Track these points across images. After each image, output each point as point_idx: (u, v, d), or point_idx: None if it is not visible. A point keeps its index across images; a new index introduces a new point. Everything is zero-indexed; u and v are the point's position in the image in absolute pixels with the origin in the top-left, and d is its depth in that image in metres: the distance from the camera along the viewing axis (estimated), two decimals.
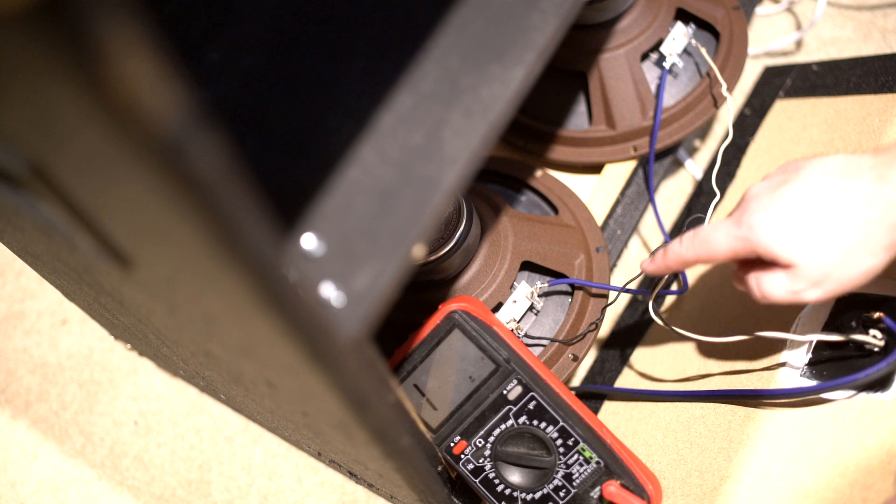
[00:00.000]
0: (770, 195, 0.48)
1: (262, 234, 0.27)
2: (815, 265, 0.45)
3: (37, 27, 0.19)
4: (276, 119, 0.39)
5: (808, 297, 0.47)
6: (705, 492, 0.52)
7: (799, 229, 0.46)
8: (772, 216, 0.47)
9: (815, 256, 0.45)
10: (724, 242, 0.49)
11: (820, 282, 0.46)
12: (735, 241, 0.48)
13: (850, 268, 0.45)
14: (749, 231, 0.48)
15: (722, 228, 0.49)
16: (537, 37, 0.39)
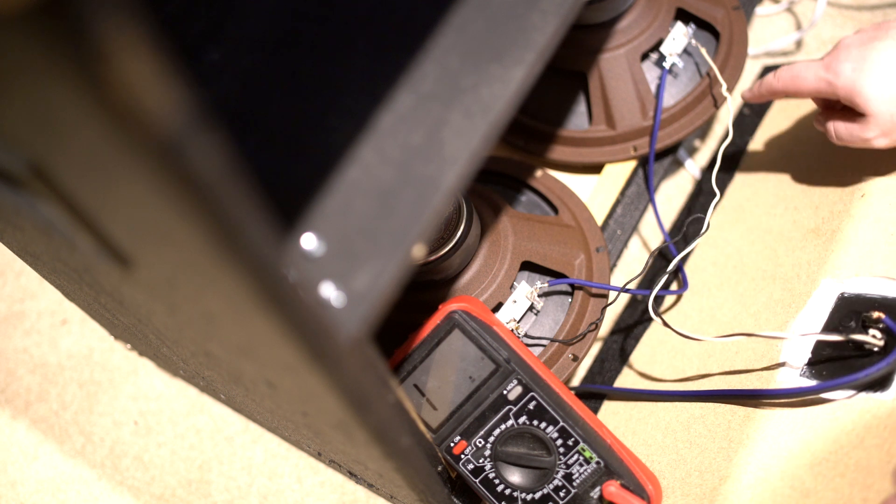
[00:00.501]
0: (860, 48, 0.54)
1: (262, 234, 0.27)
2: (887, 116, 0.53)
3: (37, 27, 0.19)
4: (276, 119, 0.39)
5: (878, 144, 0.55)
6: (705, 492, 0.52)
7: (879, 82, 0.53)
8: (857, 66, 0.54)
9: (887, 109, 0.53)
10: (811, 81, 0.57)
11: (889, 132, 0.54)
12: (820, 82, 0.56)
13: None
14: (835, 76, 0.55)
15: (812, 68, 0.57)
16: (537, 37, 0.39)
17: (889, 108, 0.53)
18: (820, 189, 0.64)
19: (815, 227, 0.61)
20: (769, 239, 0.64)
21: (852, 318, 0.52)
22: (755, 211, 0.68)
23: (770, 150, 0.73)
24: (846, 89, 0.54)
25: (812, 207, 0.63)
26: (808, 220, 0.63)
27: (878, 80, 0.53)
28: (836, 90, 0.55)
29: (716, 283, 0.66)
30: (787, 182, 0.68)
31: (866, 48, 0.54)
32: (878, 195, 0.59)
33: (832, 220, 0.60)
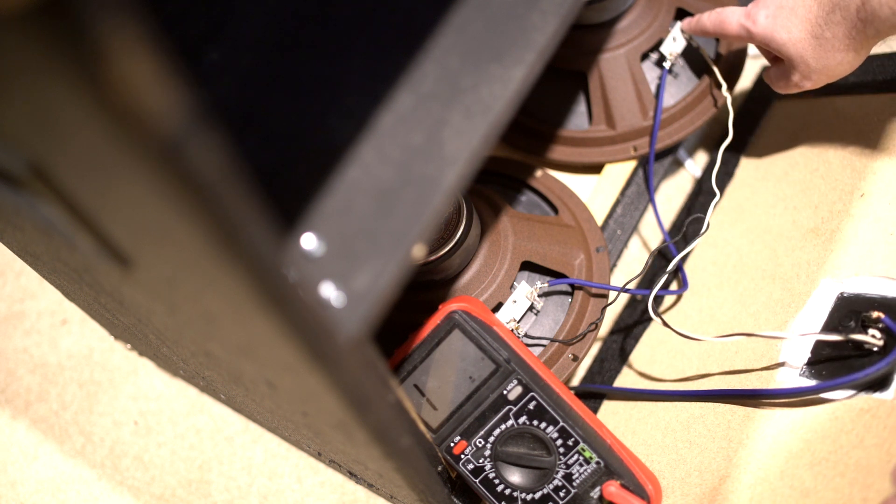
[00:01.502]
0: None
1: (262, 234, 0.27)
2: (800, 61, 0.56)
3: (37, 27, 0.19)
4: (276, 119, 0.39)
5: (804, 85, 0.58)
6: (705, 491, 0.52)
7: (785, 28, 0.55)
8: (770, 13, 0.57)
9: (797, 53, 0.55)
10: (734, 26, 0.60)
11: (807, 75, 0.57)
12: (741, 28, 0.59)
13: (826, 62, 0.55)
14: (752, 24, 0.58)
15: (736, 14, 0.60)
16: (537, 37, 0.39)
17: (800, 50, 0.55)
18: (820, 189, 0.64)
19: (815, 227, 0.61)
20: (769, 239, 0.65)
21: (852, 317, 0.52)
22: (755, 211, 0.68)
23: (770, 150, 0.73)
24: (761, 35, 0.57)
25: (812, 207, 0.63)
26: (807, 219, 0.63)
27: (789, 24, 0.55)
28: (753, 37, 0.58)
29: (716, 283, 0.66)
30: (787, 182, 0.68)
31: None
32: (878, 195, 0.59)
33: (832, 219, 0.60)
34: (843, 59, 0.54)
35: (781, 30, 0.56)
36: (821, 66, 0.55)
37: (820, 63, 0.55)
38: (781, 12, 0.56)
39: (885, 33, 0.51)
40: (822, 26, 0.53)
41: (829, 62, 0.55)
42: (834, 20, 0.53)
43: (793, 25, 0.55)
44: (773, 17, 0.56)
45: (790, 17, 0.55)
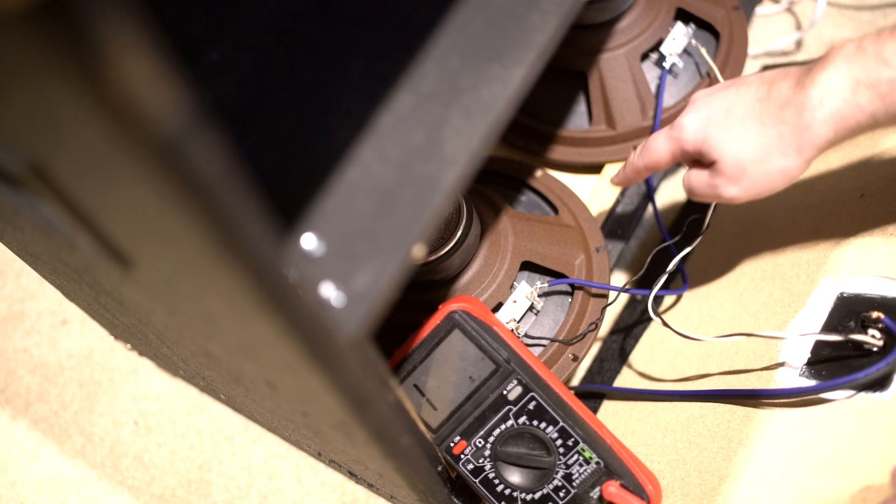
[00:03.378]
0: (704, 99, 0.51)
1: (262, 234, 0.27)
2: (733, 161, 0.49)
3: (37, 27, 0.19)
4: (276, 119, 0.39)
5: (727, 193, 0.50)
6: (704, 491, 0.52)
7: (721, 128, 0.49)
8: (700, 116, 0.51)
9: (733, 153, 0.48)
10: (663, 146, 0.53)
11: (737, 178, 0.49)
12: (670, 141, 0.53)
13: (765, 167, 0.48)
14: (680, 131, 0.52)
15: (662, 134, 0.54)
16: (537, 37, 0.39)
17: (737, 151, 0.48)
18: (820, 189, 0.64)
19: (815, 227, 0.61)
20: (769, 239, 0.64)
21: (851, 317, 0.52)
22: (755, 211, 0.68)
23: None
24: (693, 142, 0.51)
25: (811, 207, 0.63)
26: (807, 219, 0.63)
27: (719, 125, 0.49)
28: (685, 145, 0.51)
29: (715, 282, 0.66)
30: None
31: (710, 98, 0.51)
32: (878, 195, 0.59)
33: (832, 219, 0.60)
34: (785, 164, 0.47)
35: (716, 130, 0.49)
36: (758, 170, 0.48)
37: (758, 167, 0.48)
38: (716, 113, 0.50)
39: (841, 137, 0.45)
40: (767, 125, 0.47)
41: (769, 167, 0.47)
42: (783, 118, 0.46)
43: (730, 124, 0.49)
44: (707, 119, 0.50)
45: (726, 118, 0.49)
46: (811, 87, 0.45)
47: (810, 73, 0.46)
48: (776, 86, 0.48)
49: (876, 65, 0.43)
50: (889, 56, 0.42)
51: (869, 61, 0.43)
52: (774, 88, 0.48)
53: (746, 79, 0.51)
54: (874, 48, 0.43)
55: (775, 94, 0.47)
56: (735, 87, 0.50)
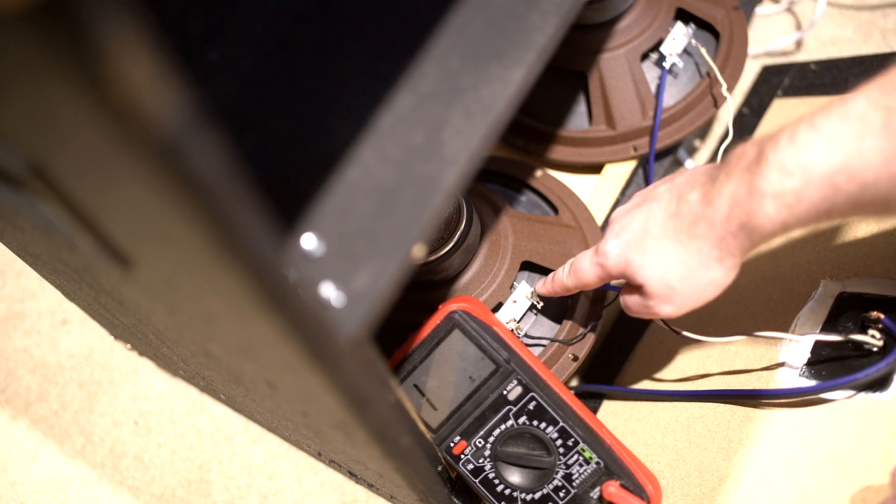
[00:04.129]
0: (621, 221, 0.51)
1: (262, 234, 0.27)
2: (659, 283, 0.48)
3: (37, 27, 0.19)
4: (276, 119, 0.39)
5: (662, 312, 0.49)
6: (704, 491, 0.52)
7: (639, 250, 0.49)
8: (620, 241, 0.50)
9: (657, 275, 0.48)
10: (589, 270, 0.53)
11: (668, 298, 0.48)
12: (596, 267, 0.52)
13: (691, 282, 0.47)
14: (604, 257, 0.51)
15: (587, 257, 0.53)
16: (537, 37, 0.39)
17: (660, 272, 0.48)
18: None
19: (815, 227, 0.61)
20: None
21: (851, 317, 0.52)
22: None
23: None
24: (617, 267, 0.50)
25: None
26: None
27: (643, 245, 0.48)
28: (610, 271, 0.51)
29: None
30: None
31: (626, 219, 0.50)
32: None
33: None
34: (711, 277, 0.46)
35: (637, 253, 0.49)
36: (685, 287, 0.47)
37: (684, 284, 0.47)
38: (633, 235, 0.49)
39: (756, 244, 0.44)
40: (683, 242, 0.46)
41: (695, 282, 0.47)
42: (697, 233, 0.45)
43: (648, 246, 0.48)
44: (626, 243, 0.49)
45: (643, 239, 0.48)
46: (718, 199, 0.44)
47: (715, 183, 0.44)
48: (684, 199, 0.46)
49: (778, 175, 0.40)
50: (790, 165, 0.40)
51: (771, 171, 0.41)
52: (683, 203, 0.46)
53: (657, 193, 0.50)
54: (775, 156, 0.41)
55: (685, 210, 0.46)
56: (647, 205, 0.49)
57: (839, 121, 0.38)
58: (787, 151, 0.40)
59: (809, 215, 0.40)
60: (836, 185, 0.38)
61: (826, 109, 0.39)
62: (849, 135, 0.38)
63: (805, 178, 0.39)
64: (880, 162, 0.37)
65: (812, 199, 0.39)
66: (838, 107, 0.39)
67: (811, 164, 0.39)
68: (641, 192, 0.52)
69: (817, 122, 0.39)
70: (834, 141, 0.38)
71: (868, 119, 0.37)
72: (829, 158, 0.38)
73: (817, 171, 0.39)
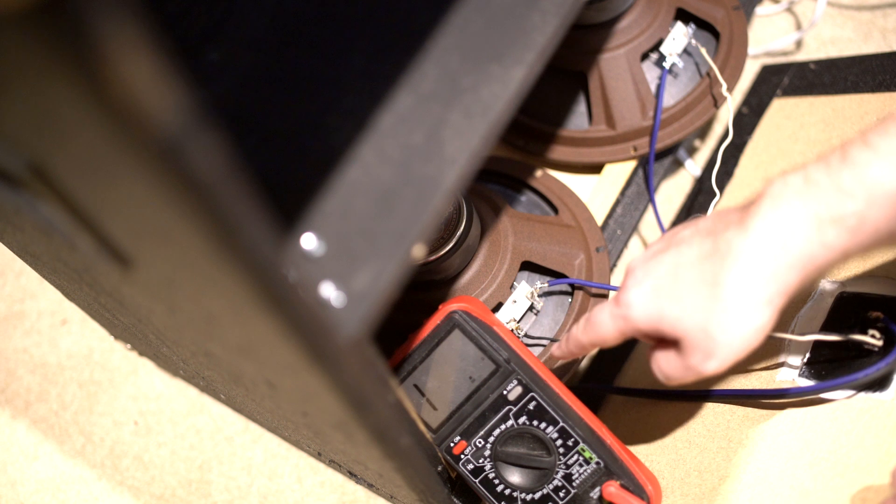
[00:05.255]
0: (644, 267, 0.45)
1: (262, 234, 0.27)
2: (702, 335, 0.42)
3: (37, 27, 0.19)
4: (276, 119, 0.39)
5: (709, 370, 0.43)
6: (704, 491, 0.52)
7: (672, 299, 0.43)
8: (645, 289, 0.44)
9: (697, 326, 0.42)
10: (609, 324, 0.47)
11: (711, 351, 0.42)
12: (618, 320, 0.46)
13: (736, 331, 0.41)
14: (627, 309, 0.45)
15: (606, 310, 0.47)
16: (537, 37, 0.39)
17: (700, 322, 0.42)
18: None
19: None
20: None
21: (851, 317, 0.52)
22: None
23: (769, 150, 0.73)
24: (646, 320, 0.44)
25: None
26: None
27: (671, 297, 0.43)
28: (638, 325, 0.45)
29: None
30: None
31: (649, 265, 0.45)
32: None
33: None
34: (759, 321, 0.41)
35: (669, 303, 0.43)
36: (730, 336, 0.41)
37: (728, 333, 0.41)
38: (662, 282, 0.43)
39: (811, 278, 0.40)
40: (724, 285, 0.41)
41: (741, 329, 0.41)
42: (741, 273, 0.41)
43: (682, 293, 0.42)
44: (653, 291, 0.44)
45: (675, 286, 0.43)
46: (764, 234, 0.40)
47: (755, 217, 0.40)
48: (720, 238, 0.42)
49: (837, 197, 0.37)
50: (849, 186, 0.37)
51: (826, 194, 0.38)
52: (721, 241, 0.42)
53: (682, 236, 0.45)
54: (828, 178, 0.38)
55: (724, 248, 0.41)
56: (675, 249, 0.44)
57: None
58: (844, 172, 0.38)
59: (872, 239, 0.38)
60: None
61: (881, 128, 0.37)
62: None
63: (868, 199, 0.37)
64: None
65: (876, 221, 0.37)
66: (893, 124, 0.37)
67: (874, 183, 0.37)
68: (663, 238, 0.47)
69: (872, 140, 0.37)
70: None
71: None
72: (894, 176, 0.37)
73: (882, 189, 0.37)
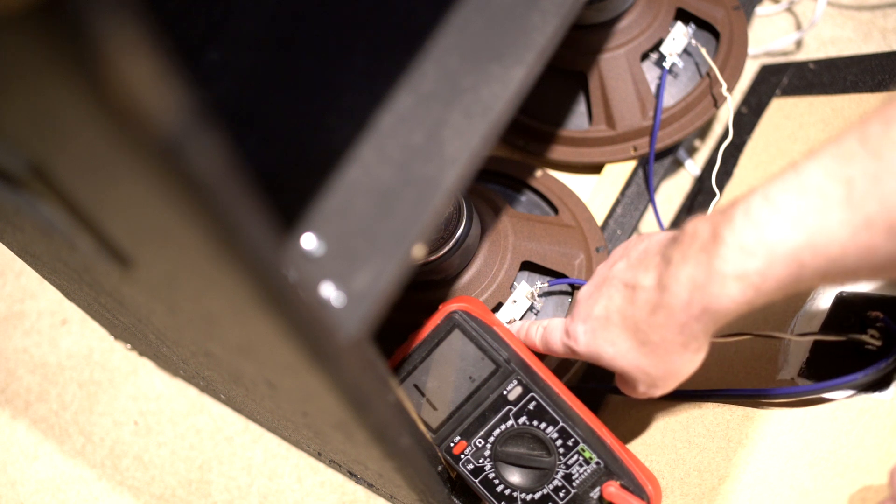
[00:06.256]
0: (586, 304, 0.49)
1: (262, 234, 0.27)
2: (638, 372, 0.46)
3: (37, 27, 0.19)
4: (276, 119, 0.39)
5: (655, 395, 0.48)
6: (704, 491, 0.52)
7: (607, 341, 0.47)
8: (587, 329, 0.48)
9: (631, 365, 0.46)
10: (559, 346, 0.51)
11: (652, 383, 0.47)
12: (566, 348, 0.51)
13: (665, 368, 0.45)
14: (574, 343, 0.49)
15: (557, 332, 0.51)
16: (537, 37, 0.39)
17: (631, 361, 0.46)
18: None
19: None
20: None
21: (851, 317, 0.52)
22: None
23: (768, 150, 0.73)
24: (587, 354, 0.49)
25: None
26: None
27: (609, 335, 0.47)
28: (581, 356, 0.49)
29: None
30: None
31: (589, 303, 0.49)
32: None
33: None
34: (682, 360, 0.45)
35: (605, 344, 0.47)
36: (662, 372, 0.46)
37: (659, 370, 0.46)
38: (597, 324, 0.47)
39: (721, 324, 0.42)
40: (645, 332, 0.44)
41: (668, 367, 0.45)
42: (657, 322, 0.43)
43: (614, 337, 0.46)
44: (592, 331, 0.48)
45: (606, 328, 0.47)
46: (675, 285, 0.42)
47: (669, 266, 0.42)
48: (640, 286, 0.45)
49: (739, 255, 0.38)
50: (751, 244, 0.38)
51: (730, 251, 0.38)
52: (639, 290, 0.45)
53: (614, 272, 0.48)
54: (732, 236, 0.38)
55: (642, 298, 0.44)
56: (606, 289, 0.48)
57: (797, 194, 0.36)
58: (746, 230, 0.38)
59: (776, 291, 0.38)
60: (801, 261, 0.36)
61: (779, 181, 0.37)
62: (810, 210, 0.36)
63: (769, 258, 0.37)
64: (846, 236, 0.35)
65: (778, 276, 0.37)
66: (793, 178, 0.37)
67: (773, 242, 0.37)
68: (601, 268, 0.51)
69: (772, 195, 0.37)
70: (794, 217, 0.36)
71: (827, 192, 0.35)
72: (792, 236, 0.36)
73: (781, 249, 0.37)
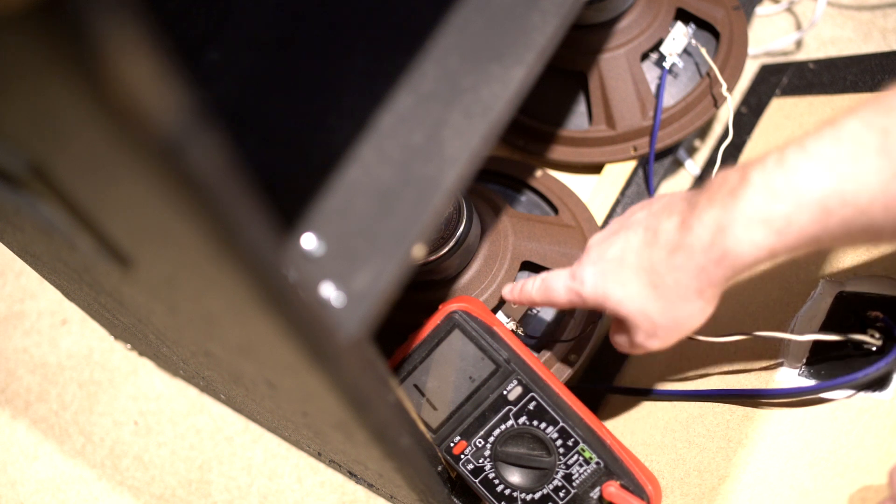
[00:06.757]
0: (598, 248, 0.49)
1: (262, 234, 0.27)
2: (642, 317, 0.46)
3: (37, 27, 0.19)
4: (276, 119, 0.39)
5: (652, 346, 0.47)
6: (704, 491, 0.52)
7: (617, 282, 0.46)
8: (597, 271, 0.48)
9: (637, 309, 0.46)
10: (562, 293, 0.51)
11: (652, 332, 0.46)
12: (570, 293, 0.50)
13: (672, 315, 0.45)
14: (581, 285, 0.49)
15: (561, 279, 0.51)
16: (537, 37, 0.39)
17: (639, 305, 0.46)
18: None
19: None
20: None
21: (851, 317, 0.52)
22: None
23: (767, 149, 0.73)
24: (594, 298, 0.48)
25: None
26: None
27: (621, 277, 0.46)
28: (586, 300, 0.48)
29: None
30: None
31: (603, 247, 0.48)
32: None
33: None
34: (692, 309, 0.44)
35: (614, 286, 0.46)
36: (667, 320, 0.45)
37: (665, 317, 0.45)
38: (609, 266, 0.47)
39: (739, 272, 0.41)
40: (660, 273, 0.44)
41: (676, 314, 0.45)
42: (675, 264, 0.43)
43: (626, 278, 0.46)
44: (602, 273, 0.47)
45: (619, 270, 0.46)
46: (698, 226, 0.41)
47: (695, 209, 0.42)
48: (662, 229, 0.44)
49: (767, 198, 0.38)
50: (779, 188, 0.38)
51: (758, 195, 0.39)
52: (661, 232, 0.44)
53: (633, 220, 0.48)
54: (762, 179, 0.39)
55: (662, 239, 0.44)
56: (624, 233, 0.47)
57: (832, 143, 0.36)
58: (776, 174, 0.38)
59: (799, 241, 0.39)
60: (828, 208, 0.37)
61: (816, 132, 0.38)
62: (843, 157, 0.36)
63: (796, 202, 0.37)
64: (877, 184, 0.35)
65: (802, 223, 0.38)
66: (829, 129, 0.37)
67: (803, 186, 0.37)
68: (619, 219, 0.50)
69: (807, 144, 0.37)
70: (827, 163, 0.36)
71: (863, 140, 0.36)
72: (822, 181, 0.36)
73: (809, 194, 0.37)
